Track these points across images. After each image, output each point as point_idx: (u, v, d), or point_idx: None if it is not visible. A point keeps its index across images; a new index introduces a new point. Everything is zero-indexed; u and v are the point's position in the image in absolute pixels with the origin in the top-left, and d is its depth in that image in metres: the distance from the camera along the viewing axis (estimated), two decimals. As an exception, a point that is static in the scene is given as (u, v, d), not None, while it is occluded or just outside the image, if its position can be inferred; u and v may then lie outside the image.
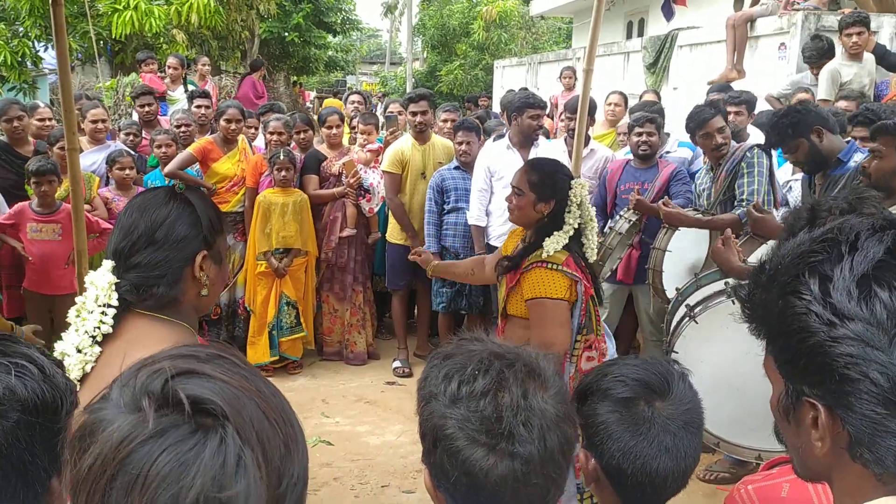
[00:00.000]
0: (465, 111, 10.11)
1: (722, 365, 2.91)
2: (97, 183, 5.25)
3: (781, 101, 6.60)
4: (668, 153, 5.25)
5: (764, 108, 6.23)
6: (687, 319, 3.13)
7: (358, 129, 6.08)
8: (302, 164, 5.56)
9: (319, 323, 5.80)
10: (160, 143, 5.63)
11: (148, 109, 6.64)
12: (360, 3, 28.59)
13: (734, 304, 2.88)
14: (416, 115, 5.39)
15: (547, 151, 4.98)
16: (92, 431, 0.71)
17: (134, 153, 5.79)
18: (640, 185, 4.59)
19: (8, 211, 4.72)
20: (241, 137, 5.60)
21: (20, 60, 10.77)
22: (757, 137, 5.19)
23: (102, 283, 1.56)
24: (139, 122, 6.54)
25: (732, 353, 2.88)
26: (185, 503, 0.65)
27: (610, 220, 4.80)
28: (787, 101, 6.62)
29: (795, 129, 3.45)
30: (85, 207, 4.27)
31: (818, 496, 1.33)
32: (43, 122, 5.88)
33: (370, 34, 43.36)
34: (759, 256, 3.32)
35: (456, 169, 5.27)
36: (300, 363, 5.62)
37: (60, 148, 4.66)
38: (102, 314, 1.54)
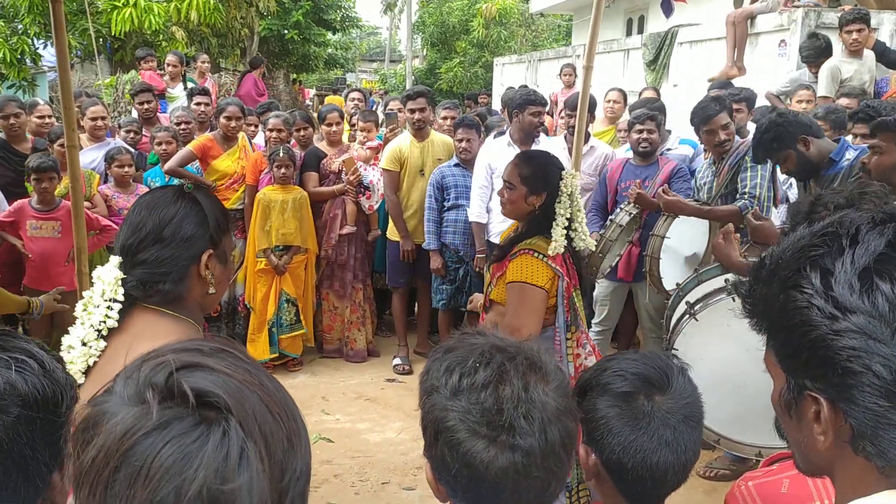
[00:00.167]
0: (464, 109, 10.11)
1: (722, 362, 2.91)
2: (97, 180, 5.24)
3: (781, 98, 6.60)
4: (669, 150, 5.25)
5: (764, 105, 6.24)
6: (687, 317, 3.13)
7: (358, 126, 6.08)
8: (302, 161, 5.56)
9: (319, 320, 5.80)
10: (161, 140, 5.63)
11: (147, 107, 6.63)
12: (359, 0, 28.59)
13: (734, 301, 2.89)
14: (414, 112, 5.39)
15: (547, 148, 4.97)
16: (95, 424, 0.72)
17: (134, 150, 5.79)
18: (641, 182, 4.59)
19: (7, 208, 4.72)
20: (241, 135, 5.60)
21: (19, 58, 10.79)
22: (757, 134, 5.19)
23: (109, 278, 1.58)
24: (139, 119, 6.54)
25: (733, 350, 2.89)
26: (187, 495, 0.66)
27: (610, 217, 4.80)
28: (787, 98, 6.62)
29: (780, 142, 3.42)
30: (85, 204, 4.27)
31: (818, 491, 1.33)
32: (42, 119, 5.87)
33: (370, 32, 43.35)
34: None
35: (456, 166, 5.27)
36: (300, 360, 5.62)
37: (61, 145, 4.65)
38: (108, 308, 1.56)
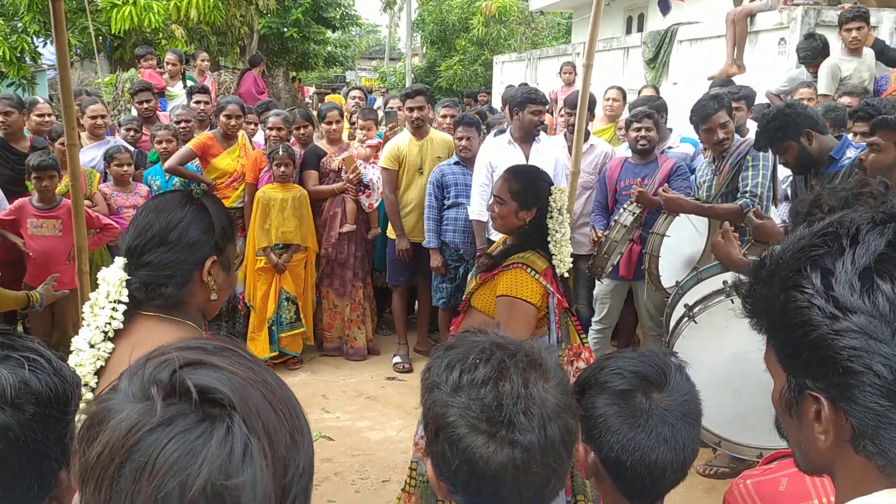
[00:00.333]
0: (464, 107, 10.11)
1: (722, 364, 2.91)
2: (98, 179, 5.24)
3: (781, 97, 6.61)
4: (670, 148, 5.25)
5: (763, 103, 6.24)
6: (686, 320, 3.12)
7: (357, 124, 6.08)
8: (301, 159, 5.56)
9: (319, 319, 5.80)
10: (161, 138, 5.63)
11: (146, 106, 6.63)
12: (359, -2, 28.53)
13: (733, 303, 2.90)
14: (412, 110, 5.39)
15: (547, 147, 4.99)
16: (101, 420, 0.72)
17: (133, 149, 5.79)
18: (641, 180, 4.59)
19: (8, 207, 4.72)
20: (240, 133, 5.60)
21: (19, 56, 10.79)
22: (757, 132, 5.19)
23: (114, 279, 1.60)
24: (139, 118, 6.54)
25: (732, 352, 2.89)
26: (192, 490, 0.66)
27: (611, 215, 4.80)
28: (786, 97, 6.62)
29: (784, 132, 3.41)
30: (85, 203, 4.27)
31: (816, 489, 1.34)
32: (42, 117, 5.87)
33: (369, 30, 43.32)
34: None
35: (456, 164, 5.26)
36: (300, 359, 5.63)
37: (62, 143, 4.64)
38: (113, 310, 1.57)
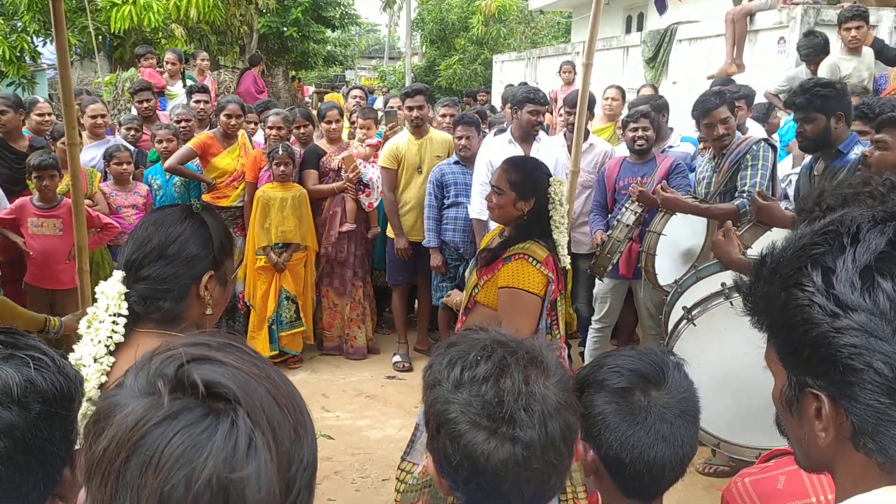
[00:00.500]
0: (463, 106, 10.11)
1: (720, 367, 2.90)
2: (98, 178, 5.24)
3: (780, 97, 6.61)
4: (670, 147, 5.25)
5: (763, 102, 6.24)
6: (685, 322, 3.12)
7: (357, 123, 6.08)
8: (301, 158, 5.56)
9: (319, 318, 5.81)
10: (161, 137, 5.63)
11: (146, 105, 6.62)
12: (358, -3, 28.52)
13: (732, 305, 2.90)
14: (412, 109, 5.39)
15: (547, 146, 4.99)
16: (107, 415, 0.73)
17: (133, 148, 5.79)
18: (640, 179, 4.59)
19: (8, 206, 4.72)
20: (241, 132, 5.60)
21: (19, 55, 10.79)
22: (756, 131, 5.19)
23: (113, 292, 1.60)
24: (139, 117, 6.53)
25: (730, 355, 2.89)
26: (197, 484, 0.67)
27: (610, 215, 4.81)
28: (785, 97, 6.62)
29: (825, 102, 3.43)
30: (86, 202, 4.28)
31: (813, 487, 1.34)
32: (42, 117, 5.86)
33: (369, 29, 43.32)
34: (761, 244, 3.32)
35: (455, 163, 5.26)
36: (300, 358, 5.63)
37: (63, 143, 4.65)
38: (114, 323, 1.58)
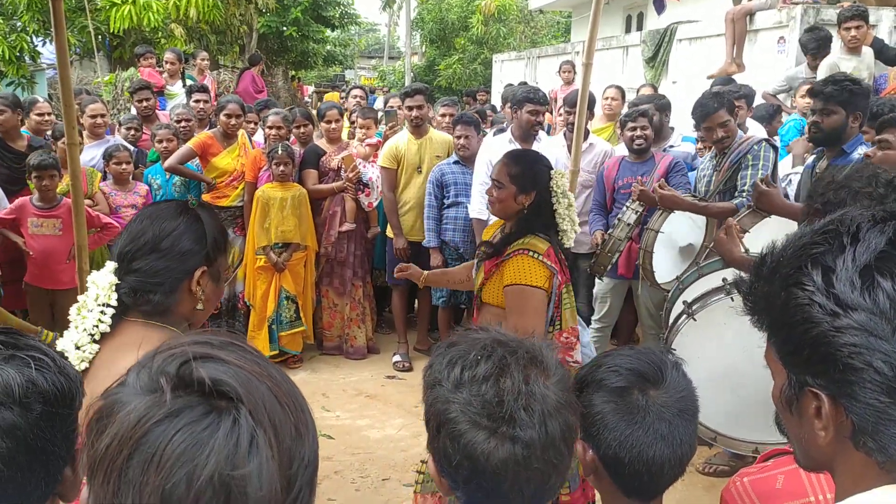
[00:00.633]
0: (463, 105, 10.11)
1: (720, 362, 2.91)
2: (98, 178, 5.24)
3: (779, 97, 6.62)
4: (671, 147, 5.25)
5: (762, 101, 6.24)
6: (685, 317, 3.12)
7: (357, 123, 6.08)
8: (301, 158, 5.56)
9: (319, 317, 5.80)
10: (161, 137, 5.63)
11: (146, 104, 6.62)
12: (358, -3, 28.52)
13: (733, 300, 2.90)
14: (411, 109, 5.39)
15: (548, 146, 4.99)
16: (109, 413, 0.74)
17: (133, 148, 5.79)
18: (640, 178, 4.59)
19: (8, 206, 4.72)
20: (240, 132, 5.60)
21: (18, 55, 10.79)
22: (756, 131, 5.19)
23: (104, 282, 1.61)
24: (138, 116, 6.54)
25: (730, 350, 2.90)
26: (199, 481, 0.67)
27: (609, 214, 4.81)
28: (787, 96, 6.63)
29: (852, 97, 3.42)
30: (86, 202, 4.28)
31: (812, 487, 1.34)
32: (42, 116, 5.86)
33: (368, 28, 43.30)
34: (759, 231, 3.33)
35: (455, 163, 5.26)
36: (300, 357, 5.63)
37: (64, 143, 4.65)
38: (101, 313, 1.59)
